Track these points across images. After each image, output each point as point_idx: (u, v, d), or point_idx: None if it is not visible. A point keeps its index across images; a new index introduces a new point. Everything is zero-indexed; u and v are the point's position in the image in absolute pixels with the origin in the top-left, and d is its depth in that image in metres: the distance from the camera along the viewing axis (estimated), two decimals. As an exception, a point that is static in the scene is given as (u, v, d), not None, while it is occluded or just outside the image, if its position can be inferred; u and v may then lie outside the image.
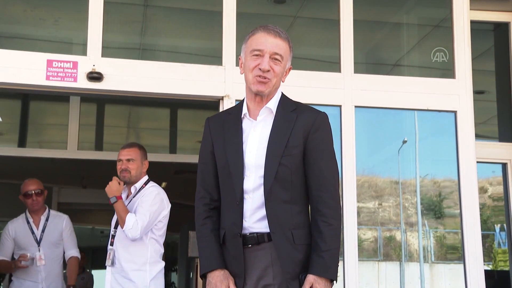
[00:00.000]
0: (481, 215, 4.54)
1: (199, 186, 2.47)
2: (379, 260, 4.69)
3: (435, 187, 4.81)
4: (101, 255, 4.32)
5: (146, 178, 4.09)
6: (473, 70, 4.68)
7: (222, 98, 4.33)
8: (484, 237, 5.14)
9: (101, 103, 7.23)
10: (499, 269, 5.54)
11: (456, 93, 4.61)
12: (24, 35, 5.13)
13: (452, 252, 4.77)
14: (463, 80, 4.63)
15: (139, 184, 4.05)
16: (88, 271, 9.57)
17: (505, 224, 5.09)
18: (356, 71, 4.56)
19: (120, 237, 3.92)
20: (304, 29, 5.25)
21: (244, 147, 2.37)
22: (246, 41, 2.42)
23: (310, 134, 2.36)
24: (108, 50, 4.36)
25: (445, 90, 4.63)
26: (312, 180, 2.35)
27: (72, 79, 4.18)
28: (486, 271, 4.46)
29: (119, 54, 4.78)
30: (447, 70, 4.74)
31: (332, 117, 2.49)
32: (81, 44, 4.53)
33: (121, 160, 4.04)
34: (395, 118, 4.79)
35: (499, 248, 5.47)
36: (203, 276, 2.38)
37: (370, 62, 5.35)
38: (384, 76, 4.76)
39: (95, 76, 4.17)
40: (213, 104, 4.44)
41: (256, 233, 2.32)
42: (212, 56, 4.63)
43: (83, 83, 4.19)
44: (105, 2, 4.32)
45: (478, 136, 4.96)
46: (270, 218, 2.30)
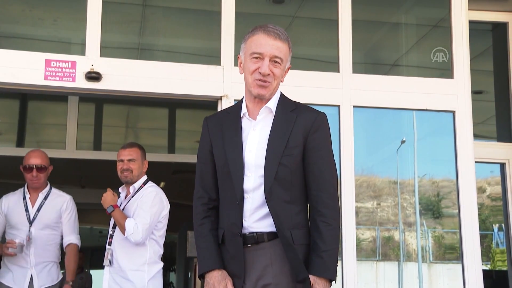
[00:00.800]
0: (479, 215, 4.55)
1: (198, 185, 2.46)
2: (377, 260, 4.69)
3: (433, 187, 4.81)
4: (99, 255, 4.29)
5: (145, 178, 4.10)
6: (471, 70, 4.69)
7: (221, 98, 4.33)
8: (482, 237, 5.15)
9: (99, 103, 7.22)
10: (497, 269, 5.54)
11: (455, 93, 4.62)
12: (23, 34, 5.13)
13: (450, 252, 4.77)
14: (461, 80, 4.63)
15: (138, 184, 4.05)
16: (87, 271, 9.55)
17: (503, 224, 5.10)
18: (355, 71, 4.56)
19: (118, 237, 3.92)
20: (303, 29, 5.25)
21: (244, 147, 2.37)
22: (246, 40, 2.41)
23: (310, 134, 2.36)
24: (107, 50, 4.35)
25: (443, 90, 4.63)
26: (312, 180, 2.35)
27: (71, 79, 4.17)
28: (484, 271, 4.47)
29: (118, 54, 4.78)
30: (445, 70, 4.74)
31: (330, 117, 2.49)
32: (79, 44, 4.53)
33: (122, 160, 4.03)
34: (393, 118, 4.79)
35: (497, 248, 5.47)
36: (201, 276, 2.38)
37: (369, 62, 5.35)
38: (383, 76, 4.77)
39: (94, 76, 4.16)
40: (211, 104, 4.44)
41: (256, 232, 2.32)
42: (211, 56, 4.63)
43: (82, 83, 4.19)
44: (103, 2, 4.32)
45: (477, 136, 4.97)
46: (274, 218, 2.29)
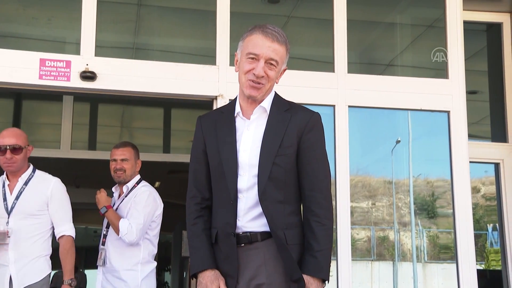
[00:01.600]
0: (473, 214, 4.56)
1: (191, 185, 2.45)
2: (372, 260, 4.70)
3: (428, 187, 4.82)
4: (94, 255, 4.27)
5: (138, 177, 4.08)
6: (466, 70, 4.70)
7: (216, 98, 4.33)
8: (477, 236, 5.16)
9: (94, 102, 7.21)
10: (491, 268, 5.55)
11: (449, 93, 4.62)
12: (17, 34, 5.11)
13: (445, 251, 4.78)
14: (456, 80, 4.64)
15: (131, 184, 4.03)
16: (82, 270, 9.54)
17: (497, 224, 5.11)
18: (350, 71, 4.56)
19: (111, 237, 3.91)
20: (298, 29, 5.25)
21: (238, 146, 2.36)
22: (244, 39, 2.39)
23: (304, 134, 2.35)
24: (102, 49, 4.34)
25: (438, 90, 4.64)
26: (305, 180, 2.35)
27: (65, 78, 4.17)
28: (478, 271, 4.48)
29: (113, 53, 4.77)
30: (440, 70, 4.75)
31: (325, 117, 2.49)
32: (74, 43, 4.52)
33: (115, 160, 4.02)
34: (388, 118, 4.79)
35: (491, 248, 5.48)
36: (194, 276, 2.37)
37: (364, 62, 5.35)
38: (378, 76, 4.77)
39: (88, 76, 4.16)
40: (206, 103, 4.44)
41: (249, 232, 2.31)
42: (206, 56, 4.62)
43: (76, 82, 4.18)
44: (98, 1, 4.32)
45: (471, 136, 4.98)
46: (267, 217, 2.29)
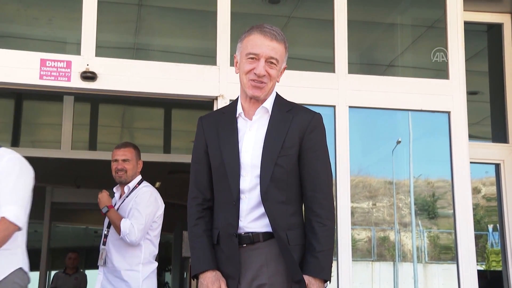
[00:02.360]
0: (474, 215, 4.56)
1: (192, 186, 2.45)
2: (373, 260, 4.70)
3: (428, 187, 4.82)
4: (95, 255, 4.28)
5: (140, 178, 4.09)
6: (466, 71, 4.70)
7: (216, 98, 4.33)
8: (477, 237, 5.16)
9: (95, 102, 7.21)
10: (492, 269, 5.55)
11: (450, 93, 4.62)
12: (18, 34, 5.11)
13: (445, 252, 4.78)
14: (456, 80, 4.64)
15: (132, 184, 4.04)
16: (82, 271, 9.54)
17: (498, 225, 5.11)
18: (350, 71, 4.56)
19: (112, 237, 3.92)
20: (298, 29, 5.25)
21: (240, 147, 2.36)
22: (242, 40, 2.39)
23: (305, 135, 2.35)
24: (102, 50, 4.34)
25: (438, 90, 4.64)
26: (307, 181, 2.35)
27: (66, 79, 4.17)
28: (479, 271, 4.48)
29: (113, 53, 4.77)
30: (441, 71, 4.75)
31: (326, 117, 2.49)
32: (75, 44, 4.51)
33: (116, 160, 4.02)
34: (389, 119, 4.79)
35: (492, 248, 5.48)
36: (195, 277, 2.37)
37: (364, 63, 5.35)
38: (378, 76, 4.77)
39: (89, 76, 4.16)
40: (207, 104, 4.44)
41: (251, 232, 2.31)
42: (206, 56, 4.62)
43: (77, 83, 4.18)
44: (99, 2, 4.32)
45: (472, 136, 4.97)
46: (269, 218, 2.29)
